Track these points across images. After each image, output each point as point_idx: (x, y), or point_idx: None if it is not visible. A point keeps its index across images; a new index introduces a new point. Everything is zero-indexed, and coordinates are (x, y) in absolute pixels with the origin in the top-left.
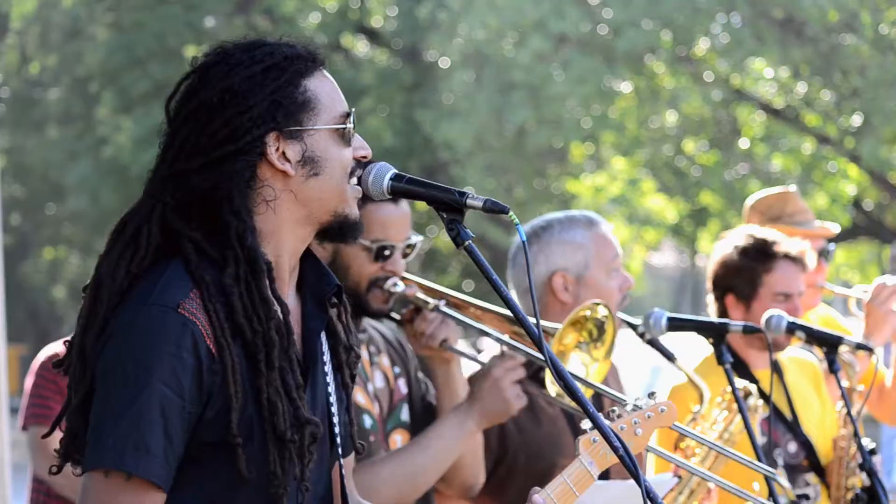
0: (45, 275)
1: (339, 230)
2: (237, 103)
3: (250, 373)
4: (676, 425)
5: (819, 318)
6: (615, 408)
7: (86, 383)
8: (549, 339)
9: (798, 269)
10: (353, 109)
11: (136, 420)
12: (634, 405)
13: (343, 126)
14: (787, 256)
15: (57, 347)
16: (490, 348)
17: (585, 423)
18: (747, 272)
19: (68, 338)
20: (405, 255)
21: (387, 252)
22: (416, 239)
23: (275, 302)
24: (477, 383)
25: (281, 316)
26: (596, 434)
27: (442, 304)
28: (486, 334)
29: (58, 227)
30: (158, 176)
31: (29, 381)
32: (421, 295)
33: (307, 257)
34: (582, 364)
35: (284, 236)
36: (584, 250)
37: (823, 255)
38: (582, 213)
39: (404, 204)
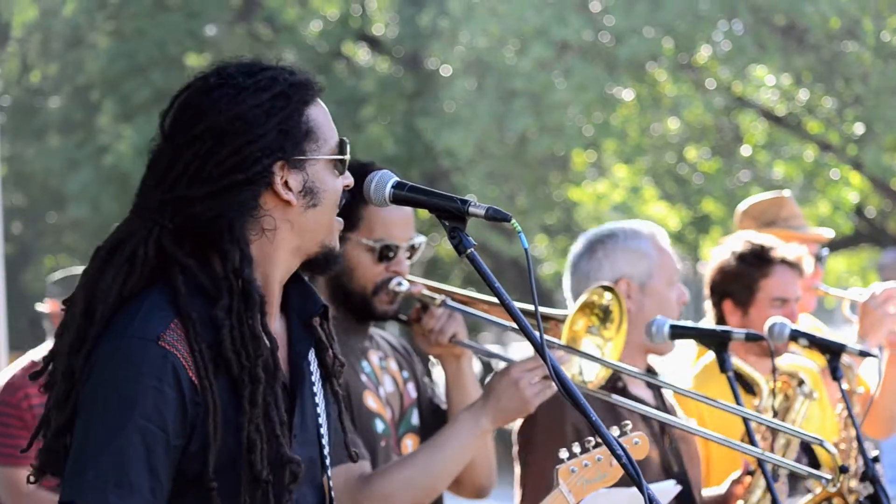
0: (46, 283)
1: (323, 262)
2: (247, 131)
3: (234, 407)
4: (743, 410)
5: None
6: (590, 438)
7: (70, 406)
8: (559, 326)
9: (795, 275)
10: (347, 140)
11: (118, 456)
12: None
13: (341, 156)
14: (784, 262)
15: (9, 377)
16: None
17: (563, 454)
18: (744, 277)
19: (26, 359)
20: (409, 257)
21: (391, 252)
22: (420, 240)
23: (264, 337)
24: (493, 382)
25: (269, 352)
26: (574, 464)
27: (448, 300)
28: (497, 324)
29: (59, 235)
30: (156, 198)
31: None
32: (426, 292)
33: (293, 279)
34: (596, 347)
35: (276, 264)
36: (649, 260)
37: (818, 259)
38: (645, 224)
39: None
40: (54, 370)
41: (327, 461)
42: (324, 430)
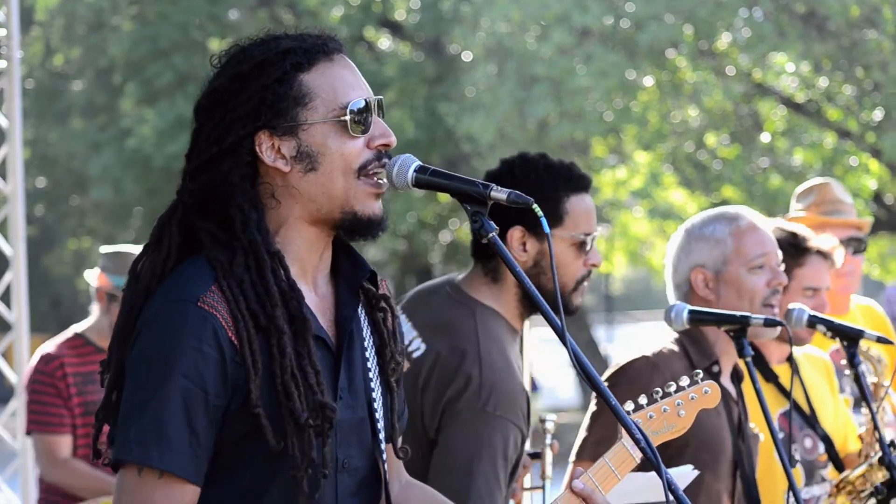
0: (69, 266)
1: (348, 228)
2: (223, 104)
3: (269, 359)
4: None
5: (860, 308)
6: (659, 388)
7: (118, 380)
8: None
9: (827, 265)
10: (377, 98)
11: (158, 414)
12: (678, 386)
13: (341, 118)
14: (819, 252)
15: (48, 348)
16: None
17: (628, 406)
18: None
19: (69, 332)
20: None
21: (588, 245)
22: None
23: (288, 290)
24: None
25: (295, 303)
26: (638, 417)
27: None
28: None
29: (81, 218)
30: (183, 175)
31: (26, 383)
32: None
33: (342, 248)
34: None
35: (297, 230)
36: (723, 246)
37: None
38: (732, 209)
39: None
40: (110, 348)
41: (381, 435)
42: (375, 395)
